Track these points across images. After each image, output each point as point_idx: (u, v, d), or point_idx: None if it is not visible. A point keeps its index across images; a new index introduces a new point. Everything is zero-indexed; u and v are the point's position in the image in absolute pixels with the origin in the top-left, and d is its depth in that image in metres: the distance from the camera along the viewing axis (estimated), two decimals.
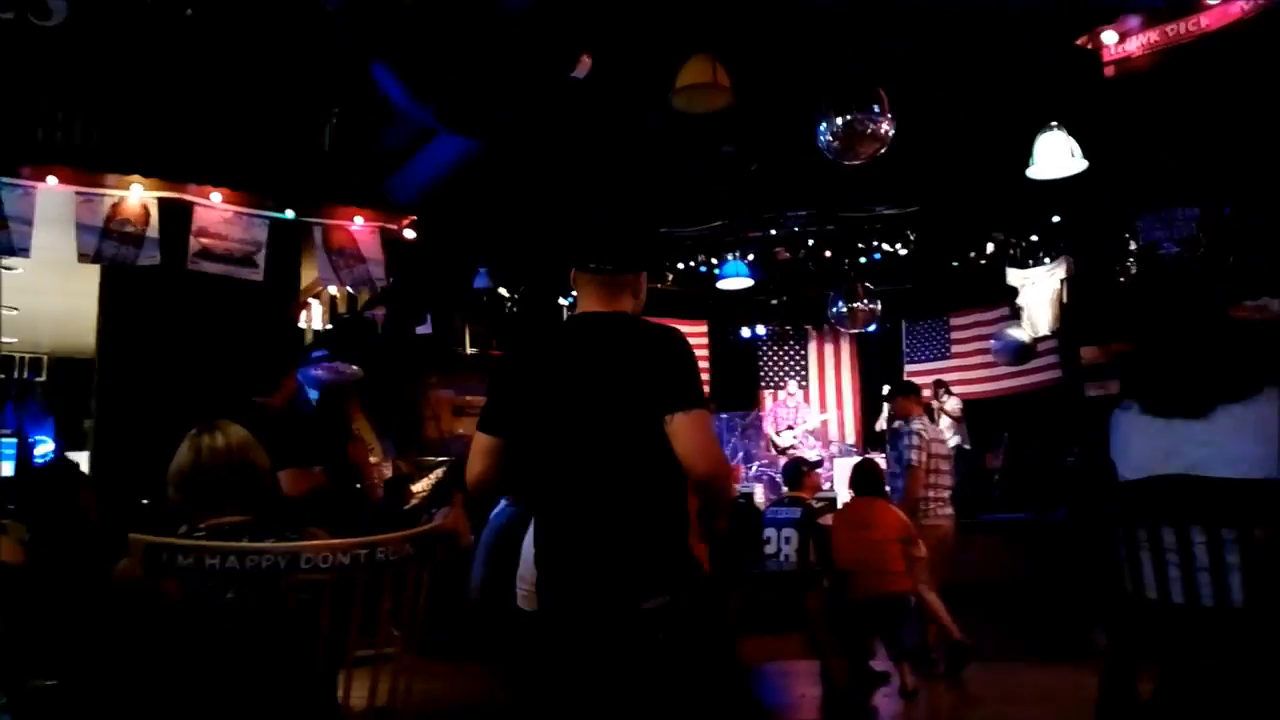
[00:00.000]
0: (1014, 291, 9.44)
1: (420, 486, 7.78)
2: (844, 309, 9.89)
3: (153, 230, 5.79)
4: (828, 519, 5.70)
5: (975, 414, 10.16)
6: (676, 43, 4.97)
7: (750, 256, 9.71)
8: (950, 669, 5.15)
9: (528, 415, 2.12)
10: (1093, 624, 3.59)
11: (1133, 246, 7.61)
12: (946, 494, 5.88)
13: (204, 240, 6.03)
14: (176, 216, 5.91)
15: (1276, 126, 5.61)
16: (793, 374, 12.60)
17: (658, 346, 2.06)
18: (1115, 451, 2.54)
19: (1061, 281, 8.86)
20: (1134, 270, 7.59)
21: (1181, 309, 2.47)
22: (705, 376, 12.28)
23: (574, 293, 2.18)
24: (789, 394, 11.72)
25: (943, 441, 6.34)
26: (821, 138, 5.26)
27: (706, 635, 1.98)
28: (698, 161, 7.41)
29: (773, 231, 9.46)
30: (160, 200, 5.86)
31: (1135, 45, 4.48)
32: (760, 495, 9.67)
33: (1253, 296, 7.16)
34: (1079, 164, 5.92)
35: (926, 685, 4.93)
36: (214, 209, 6.06)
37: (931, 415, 10.25)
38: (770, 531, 5.41)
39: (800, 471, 5.82)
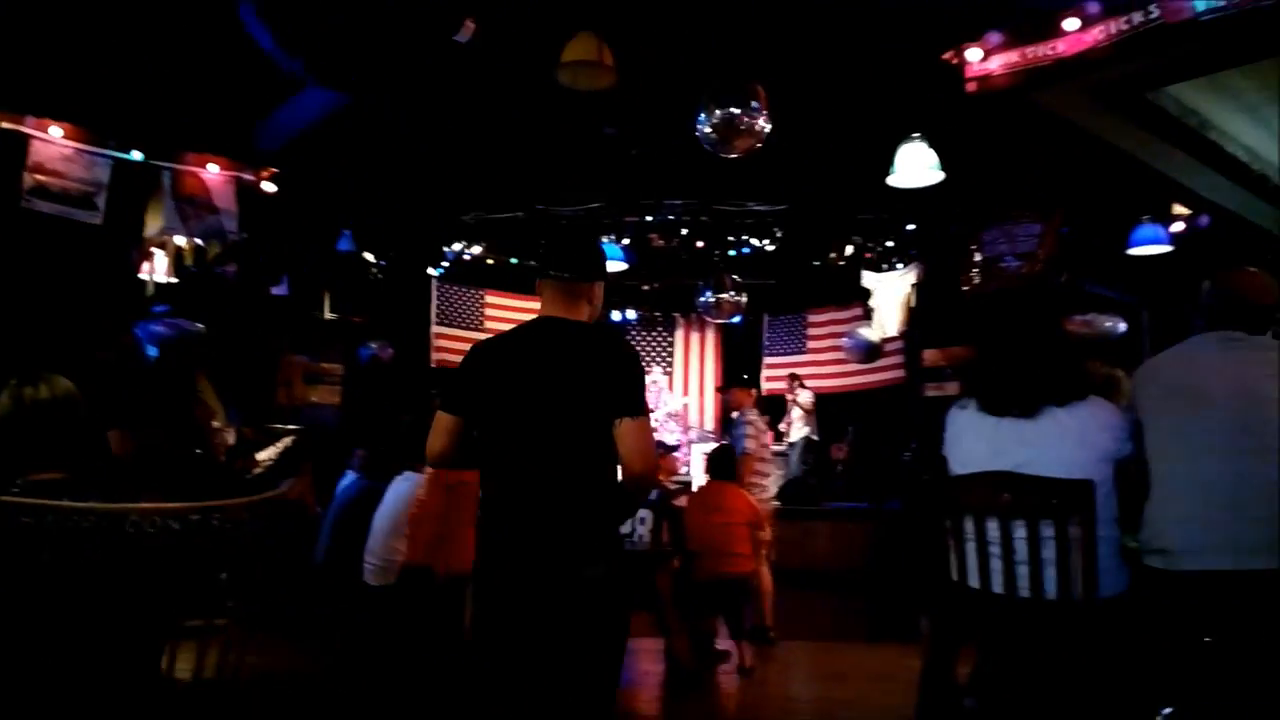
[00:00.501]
0: (868, 293, 9.87)
1: (266, 455, 7.42)
2: (711, 299, 10.09)
3: None
4: (682, 501, 5.83)
5: (825, 407, 10.59)
6: (565, 18, 4.92)
7: (625, 241, 9.75)
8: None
9: (488, 403, 2.37)
10: (920, 610, 3.82)
11: (978, 258, 8.08)
12: (767, 481, 6.34)
13: (39, 177, 5.57)
14: (10, 149, 5.43)
15: (1110, 158, 6.07)
16: (658, 359, 12.77)
17: (612, 357, 2.36)
18: (948, 448, 2.71)
19: (911, 286, 9.32)
20: (977, 280, 8.06)
21: (1023, 318, 2.65)
22: None
23: (539, 297, 2.48)
24: (653, 380, 11.89)
25: (769, 434, 6.74)
26: (700, 129, 5.33)
27: (627, 597, 2.40)
28: (578, 140, 7.37)
29: (649, 218, 9.53)
30: None
31: (996, 64, 4.74)
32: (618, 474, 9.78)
33: (1081, 312, 7.77)
34: (936, 175, 6.22)
35: (762, 663, 5.12)
36: (52, 144, 5.60)
37: (785, 406, 10.64)
38: None
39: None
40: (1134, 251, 7.56)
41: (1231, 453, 2.34)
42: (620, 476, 2.32)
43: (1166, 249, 7.46)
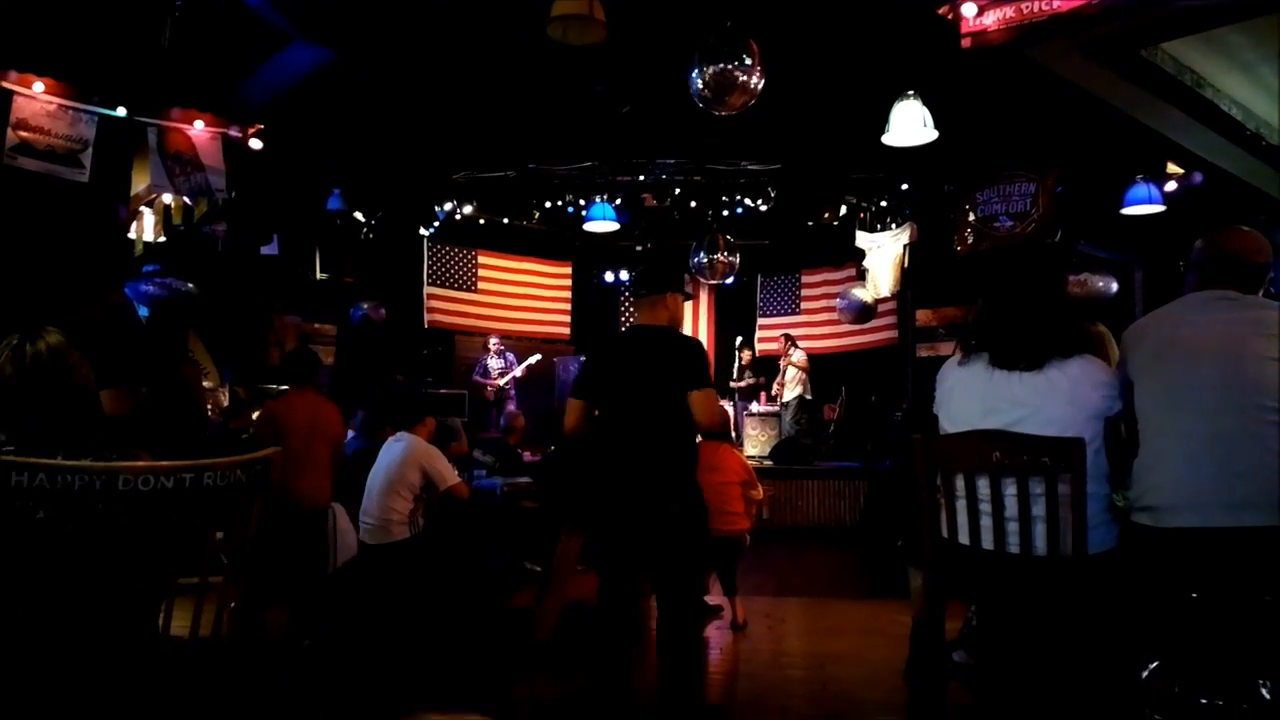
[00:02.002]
0: (861, 254, 9.85)
1: (259, 415, 7.43)
2: (705, 259, 10.05)
3: None
4: None
5: (817, 367, 10.62)
6: None
7: (618, 201, 9.68)
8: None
9: (601, 389, 3.33)
10: (908, 565, 3.87)
11: (971, 218, 8.05)
12: None
13: (23, 134, 5.48)
14: None
15: (1105, 116, 6.03)
16: None
17: (682, 348, 3.27)
18: (939, 406, 2.72)
19: (904, 247, 9.30)
20: (970, 240, 8.04)
21: (1031, 274, 2.66)
22: (566, 319, 12.31)
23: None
24: None
25: None
26: (693, 85, 5.26)
27: (700, 524, 3.29)
28: (569, 98, 7.28)
29: (641, 177, 9.46)
30: None
31: (992, 20, 4.67)
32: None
33: (1074, 272, 7.77)
34: (930, 134, 6.17)
35: (755, 619, 5.18)
36: (36, 100, 5.50)
37: (778, 366, 10.67)
38: None
39: None
40: (1128, 211, 7.54)
41: (1220, 411, 2.35)
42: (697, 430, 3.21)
43: (1160, 208, 7.45)
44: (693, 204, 9.88)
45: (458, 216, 10.45)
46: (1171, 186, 7.48)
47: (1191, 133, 6.23)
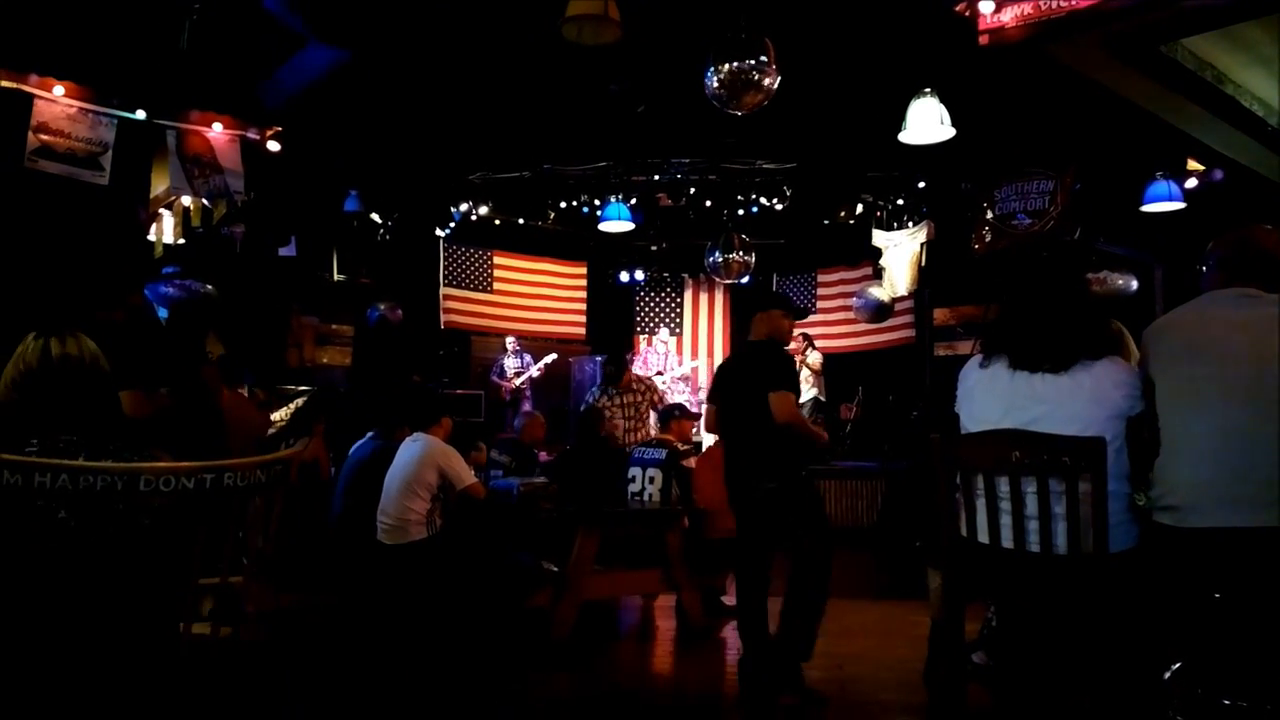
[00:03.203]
0: (878, 252, 9.79)
1: (279, 415, 7.48)
2: (720, 259, 10.03)
3: None
4: (691, 461, 5.85)
5: (833, 367, 10.58)
6: None
7: (633, 200, 9.68)
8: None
9: (718, 393, 4.18)
10: (926, 566, 3.85)
11: (989, 216, 8.00)
12: None
13: (44, 137, 5.53)
14: (14, 109, 5.38)
15: (1124, 112, 5.98)
16: (667, 320, 12.75)
17: (765, 359, 3.95)
18: (960, 405, 2.70)
19: (921, 245, 9.24)
20: (988, 238, 7.99)
21: (1053, 273, 2.64)
22: (581, 319, 12.32)
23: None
24: (661, 341, 11.89)
25: None
26: (708, 85, 5.25)
27: (794, 497, 3.87)
28: (584, 98, 7.28)
29: (656, 177, 9.45)
30: None
31: (1009, 16, 4.64)
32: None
33: (1094, 270, 7.71)
34: (948, 131, 6.14)
35: (771, 619, 5.16)
36: (57, 103, 5.55)
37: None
38: (635, 470, 5.51)
39: (672, 416, 5.93)
40: (1148, 208, 7.47)
41: (1242, 410, 2.32)
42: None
43: (1180, 205, 7.38)
44: (708, 203, 9.86)
45: (473, 217, 10.48)
46: (1192, 183, 7.41)
47: (1212, 129, 6.17)
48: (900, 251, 9.52)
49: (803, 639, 3.87)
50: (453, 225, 10.68)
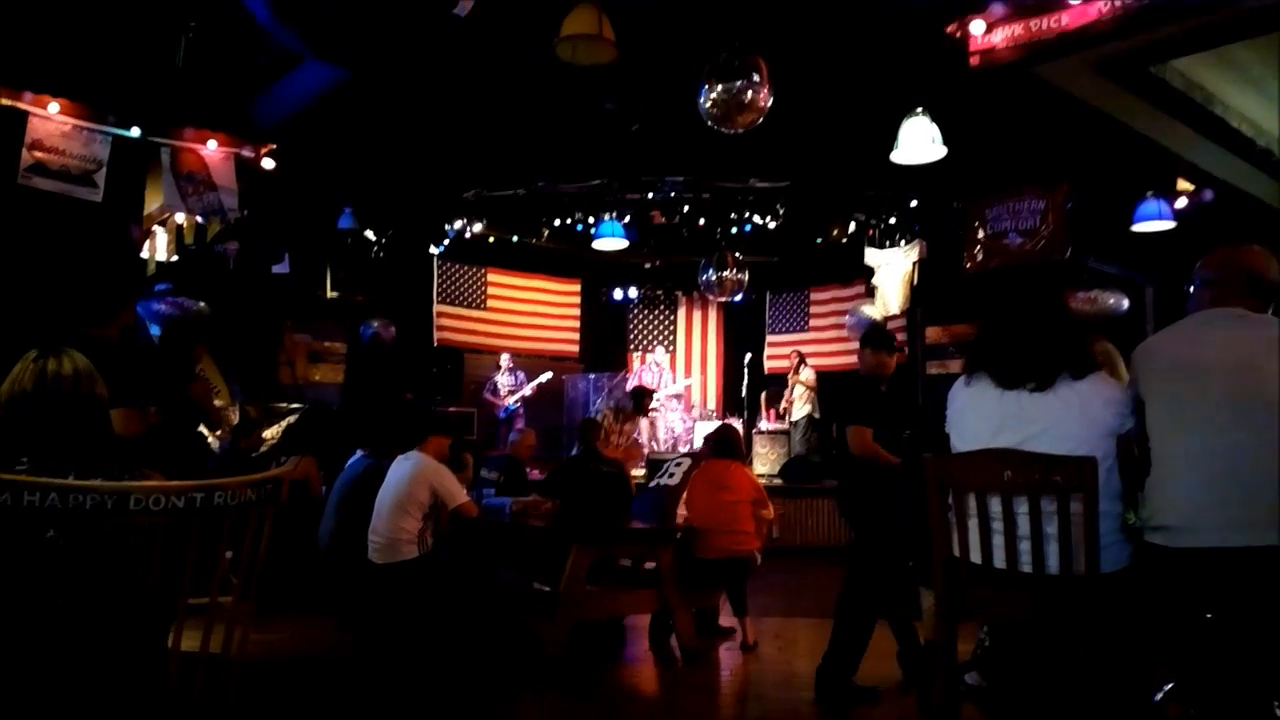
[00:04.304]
0: (870, 271, 9.83)
1: (270, 433, 7.46)
2: (714, 277, 10.06)
3: None
4: (671, 481, 5.74)
5: (826, 385, 10.58)
6: None
7: (626, 218, 9.71)
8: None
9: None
10: (918, 586, 3.85)
11: (981, 234, 8.04)
12: None
13: (38, 154, 5.55)
14: (8, 126, 5.40)
15: (1114, 133, 6.03)
16: (661, 339, 12.76)
17: (842, 393, 4.37)
18: (950, 425, 2.70)
19: (913, 264, 9.29)
20: (980, 257, 8.03)
21: (1029, 292, 2.65)
22: (575, 336, 12.32)
23: None
24: (656, 360, 11.90)
25: None
26: (701, 103, 5.28)
27: (873, 507, 4.09)
28: (579, 116, 7.32)
29: (650, 195, 9.49)
30: None
31: (1000, 37, 4.69)
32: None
33: (1085, 289, 7.74)
34: (939, 150, 6.18)
35: (765, 640, 5.15)
36: (51, 120, 5.57)
37: (785, 384, 10.65)
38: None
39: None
40: (1138, 227, 7.52)
41: (1233, 429, 2.32)
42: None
43: (1171, 225, 7.43)
44: (701, 221, 9.90)
45: (467, 235, 10.50)
46: (1182, 203, 7.46)
47: (1202, 149, 6.23)
48: (892, 270, 9.56)
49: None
50: (446, 242, 10.70)
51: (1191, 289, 2.64)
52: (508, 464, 6.57)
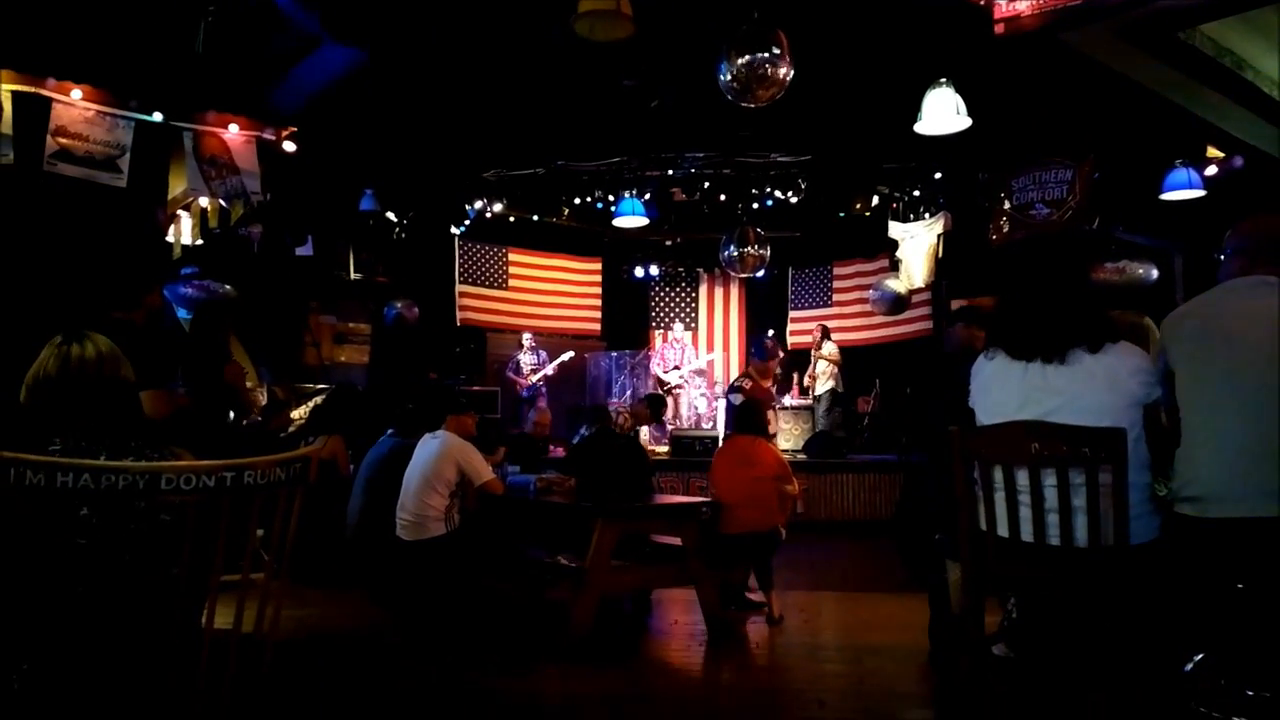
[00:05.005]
0: (894, 244, 9.74)
1: (298, 413, 7.55)
2: (735, 253, 10.00)
3: (5, 126, 5.33)
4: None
5: (850, 360, 10.54)
6: None
7: (647, 195, 9.67)
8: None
9: None
10: (945, 559, 3.83)
11: (1007, 206, 7.94)
12: None
13: (62, 140, 5.60)
14: (33, 112, 5.45)
15: (1142, 100, 5.92)
16: (682, 315, 12.74)
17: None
18: (975, 398, 2.68)
19: (938, 237, 9.18)
20: (1005, 229, 7.93)
21: (1045, 263, 2.61)
22: (596, 314, 12.33)
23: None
24: (676, 337, 11.88)
25: None
26: (721, 78, 5.24)
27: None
28: (597, 93, 7.28)
29: (670, 171, 9.44)
30: (15, 94, 5.38)
31: (1025, 4, 4.61)
32: (645, 434, 9.86)
33: (1113, 259, 7.64)
34: (964, 121, 6.09)
35: (791, 613, 5.17)
36: (74, 106, 5.61)
37: (809, 359, 10.61)
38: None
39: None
40: (1167, 196, 7.39)
41: (1264, 399, 2.29)
42: None
43: (1200, 193, 7.30)
44: (722, 197, 9.84)
45: (488, 214, 10.50)
46: (1212, 171, 7.33)
47: (1231, 115, 6.11)
48: (917, 243, 9.46)
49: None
50: (468, 223, 10.71)
51: (1222, 257, 2.60)
52: (523, 441, 6.63)
